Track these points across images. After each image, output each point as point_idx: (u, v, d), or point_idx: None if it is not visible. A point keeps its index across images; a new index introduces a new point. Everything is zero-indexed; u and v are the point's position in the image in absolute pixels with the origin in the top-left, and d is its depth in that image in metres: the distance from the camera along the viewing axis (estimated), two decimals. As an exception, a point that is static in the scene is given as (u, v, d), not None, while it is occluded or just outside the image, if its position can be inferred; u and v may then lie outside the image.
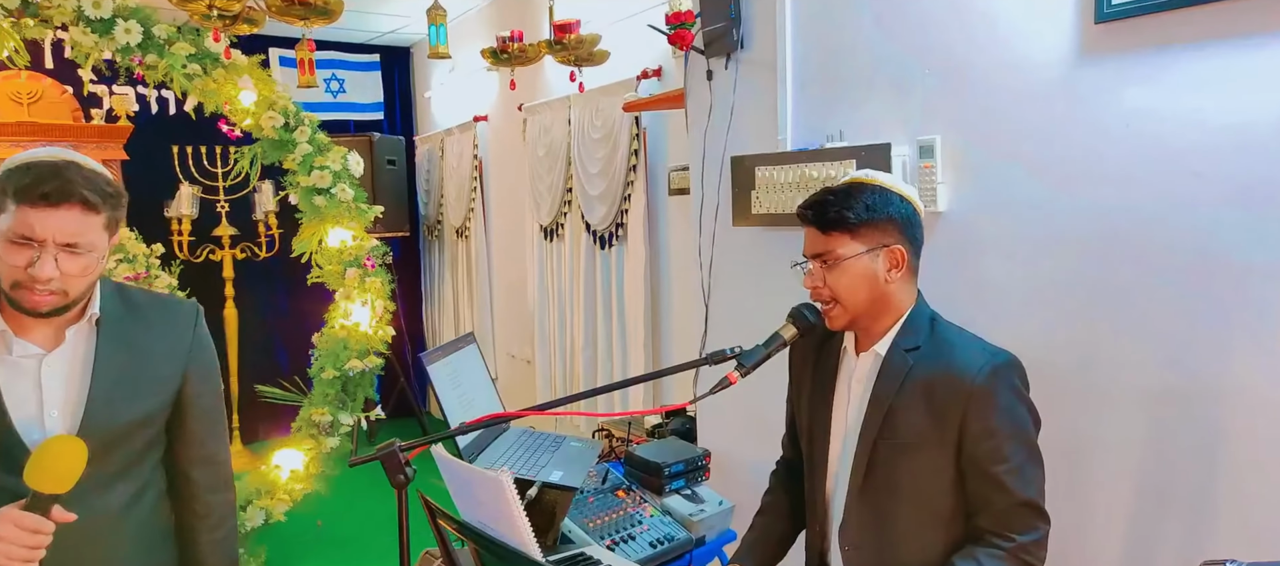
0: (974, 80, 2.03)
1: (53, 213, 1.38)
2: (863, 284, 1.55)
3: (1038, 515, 1.50)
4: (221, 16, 2.33)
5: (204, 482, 1.67)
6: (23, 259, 1.38)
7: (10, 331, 1.46)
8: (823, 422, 1.69)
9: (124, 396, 1.53)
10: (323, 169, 3.99)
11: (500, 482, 1.33)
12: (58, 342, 1.50)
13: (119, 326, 1.54)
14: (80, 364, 1.51)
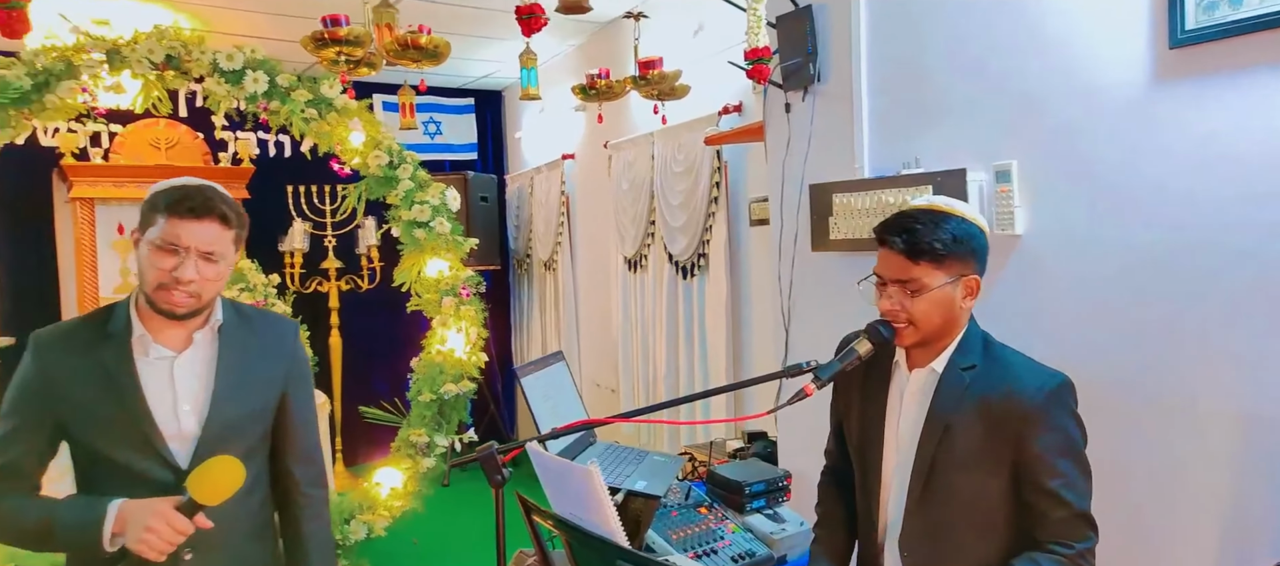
0: (1049, 105, 2.09)
1: (196, 224, 1.61)
2: (940, 310, 1.60)
3: (1090, 525, 1.55)
4: (348, 62, 2.58)
5: (304, 478, 1.85)
6: (169, 263, 1.60)
7: (148, 335, 1.67)
8: (876, 436, 1.74)
9: (240, 395, 1.72)
10: (423, 204, 4.26)
11: (590, 474, 1.46)
12: (186, 346, 1.70)
13: (235, 334, 1.75)
14: (204, 365, 1.71)
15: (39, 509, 1.60)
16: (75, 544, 1.59)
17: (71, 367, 1.63)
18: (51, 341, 1.66)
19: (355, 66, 2.68)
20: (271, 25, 4.86)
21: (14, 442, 1.63)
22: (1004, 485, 1.58)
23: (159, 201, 1.64)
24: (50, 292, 5.48)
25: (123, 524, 1.55)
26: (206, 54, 3.76)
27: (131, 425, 1.62)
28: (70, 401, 1.62)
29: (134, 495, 1.58)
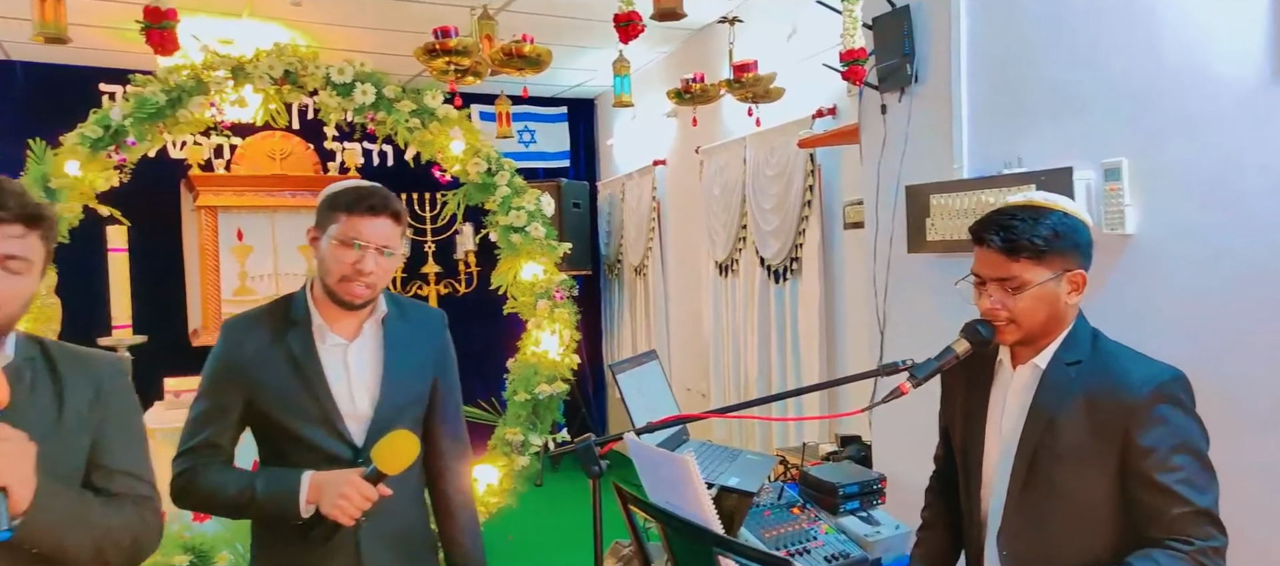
0: (1161, 101, 2.02)
1: (374, 220, 1.76)
2: (1043, 306, 1.58)
3: (1214, 524, 1.47)
4: (457, 71, 2.71)
5: (451, 452, 2.00)
6: (351, 257, 1.74)
7: (325, 324, 1.81)
8: (978, 433, 1.72)
9: (404, 379, 1.87)
10: (519, 209, 4.39)
11: (687, 463, 1.49)
12: (356, 335, 1.85)
13: (396, 325, 1.90)
14: (372, 352, 1.86)
15: (239, 480, 1.77)
16: (272, 511, 1.74)
17: (260, 352, 1.79)
18: (241, 328, 1.83)
19: (463, 76, 2.81)
20: (376, 40, 5.11)
21: (212, 420, 1.80)
22: (1109, 482, 1.54)
23: (339, 201, 1.79)
24: (177, 294, 5.88)
25: (315, 493, 1.70)
26: (320, 69, 3.98)
27: (315, 404, 1.78)
28: (260, 382, 1.78)
29: (315, 467, 1.75)
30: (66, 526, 1.34)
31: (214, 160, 5.53)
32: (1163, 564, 1.45)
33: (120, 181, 3.86)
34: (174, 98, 3.77)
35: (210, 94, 3.85)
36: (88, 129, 3.70)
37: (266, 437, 1.84)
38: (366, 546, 1.80)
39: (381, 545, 1.82)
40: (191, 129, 3.94)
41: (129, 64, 5.19)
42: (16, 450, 1.27)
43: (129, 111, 3.69)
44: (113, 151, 3.74)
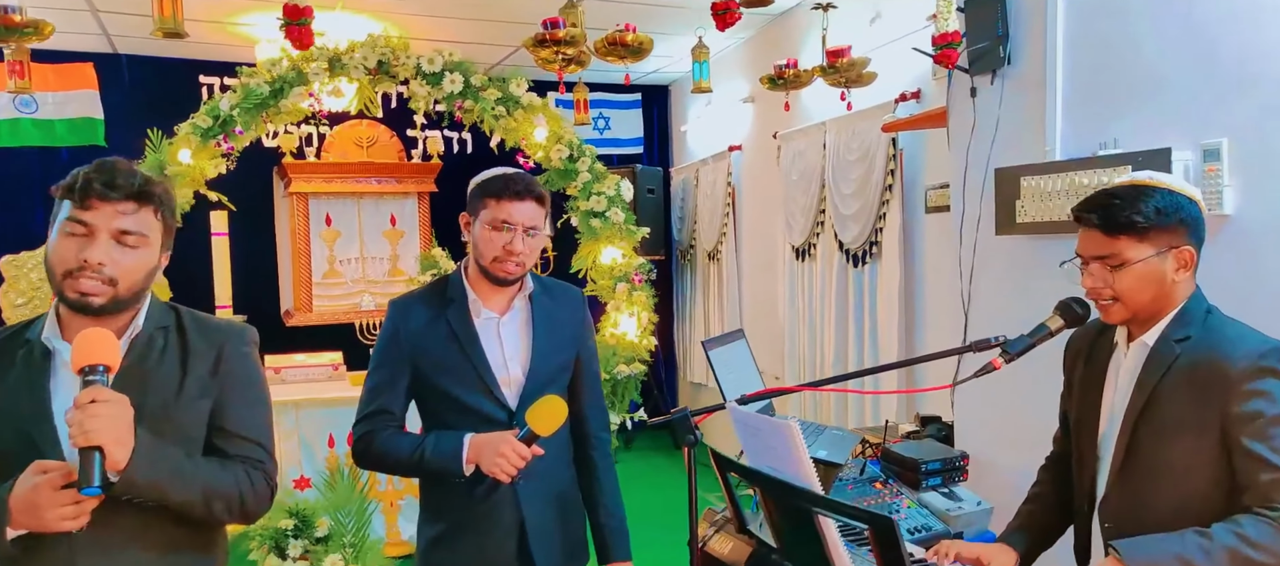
0: (1264, 82, 2.00)
1: (520, 204, 1.90)
2: (1149, 285, 1.59)
3: None
4: (565, 60, 2.83)
5: (594, 420, 2.13)
6: (502, 239, 1.89)
7: (479, 300, 1.96)
8: (1092, 411, 1.75)
9: (552, 350, 2.01)
10: (599, 194, 4.50)
11: (790, 428, 1.56)
12: (506, 310, 1.99)
13: (543, 301, 2.03)
14: (522, 326, 2.00)
15: (411, 442, 1.93)
16: (438, 469, 1.90)
17: (424, 325, 1.96)
18: (406, 306, 2.00)
19: (568, 64, 2.93)
20: (462, 30, 5.26)
21: (384, 390, 1.97)
22: (1208, 455, 1.55)
23: (488, 188, 1.94)
24: (270, 278, 6.17)
25: (476, 452, 1.85)
26: (411, 58, 4.15)
27: (472, 372, 1.94)
28: (424, 353, 1.95)
29: (474, 429, 1.89)
30: (167, 484, 1.45)
31: (305, 148, 5.77)
32: (1247, 528, 1.47)
33: (227, 168, 4.10)
34: (277, 89, 3.98)
35: (309, 84, 4.05)
36: (199, 119, 3.94)
37: (429, 403, 2.00)
38: (526, 503, 1.96)
39: (539, 502, 1.98)
40: (291, 118, 4.16)
41: (227, 56, 5.47)
42: (112, 412, 1.35)
43: (236, 102, 3.92)
44: (221, 140, 3.96)
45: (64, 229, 1.44)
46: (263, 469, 1.62)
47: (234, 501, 1.55)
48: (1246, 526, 1.48)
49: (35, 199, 5.65)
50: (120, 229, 1.45)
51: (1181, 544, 1.50)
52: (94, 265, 1.42)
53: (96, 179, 1.44)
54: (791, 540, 1.73)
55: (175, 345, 1.57)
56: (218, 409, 1.58)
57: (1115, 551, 1.51)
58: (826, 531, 1.60)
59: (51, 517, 1.34)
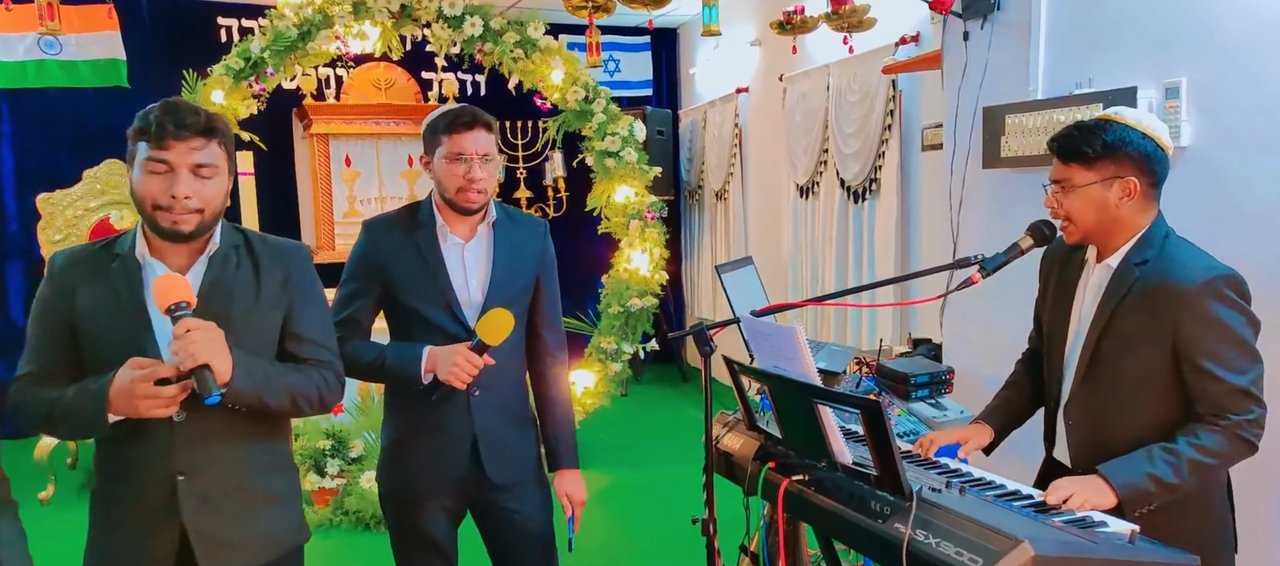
0: (1218, 27, 2.22)
1: (471, 134, 2.07)
2: (1092, 207, 1.81)
3: (1250, 398, 1.71)
4: (593, 7, 3.01)
5: (552, 342, 2.32)
6: (460, 170, 2.07)
7: (447, 226, 2.15)
8: (1062, 322, 1.99)
9: (511, 275, 2.19)
10: (613, 135, 4.72)
11: (795, 330, 1.83)
12: (471, 236, 2.17)
13: (506, 229, 2.22)
14: (485, 251, 2.18)
15: (374, 350, 2.15)
16: (399, 376, 2.12)
17: (395, 246, 2.15)
18: (380, 227, 2.20)
19: (597, 10, 3.11)
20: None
21: (354, 300, 2.17)
22: (1161, 364, 1.78)
23: (438, 125, 2.11)
24: (292, 217, 6.41)
25: (433, 362, 2.06)
26: (433, 2, 4.33)
27: (436, 291, 2.13)
28: (393, 271, 2.14)
29: (436, 343, 2.09)
30: (263, 389, 1.70)
31: (325, 91, 5.96)
32: (1203, 439, 1.72)
33: (258, 109, 4.32)
34: (304, 31, 4.18)
35: (334, 27, 4.24)
36: (231, 61, 4.14)
37: (397, 317, 2.19)
38: (477, 410, 2.13)
39: (489, 410, 2.16)
40: (318, 60, 4.36)
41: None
42: (206, 335, 1.57)
43: (266, 44, 4.11)
44: (253, 81, 4.17)
45: (145, 168, 1.64)
46: (332, 367, 1.87)
47: (314, 398, 1.81)
48: (1202, 437, 1.71)
49: (63, 139, 5.88)
50: (196, 163, 1.64)
51: (1150, 461, 1.73)
52: (181, 198, 1.63)
53: (168, 120, 1.62)
54: (794, 432, 2.00)
55: (248, 261, 1.78)
56: (290, 316, 1.81)
57: (1099, 473, 1.74)
58: (826, 421, 1.87)
59: (144, 406, 1.57)
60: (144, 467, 1.70)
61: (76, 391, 1.66)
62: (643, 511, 4.34)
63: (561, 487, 2.31)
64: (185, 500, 1.70)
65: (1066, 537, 1.55)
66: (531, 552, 2.27)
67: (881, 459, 1.71)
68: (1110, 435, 1.85)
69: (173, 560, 1.72)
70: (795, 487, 1.90)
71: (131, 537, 1.73)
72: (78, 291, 1.72)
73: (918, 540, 1.59)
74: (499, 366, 2.14)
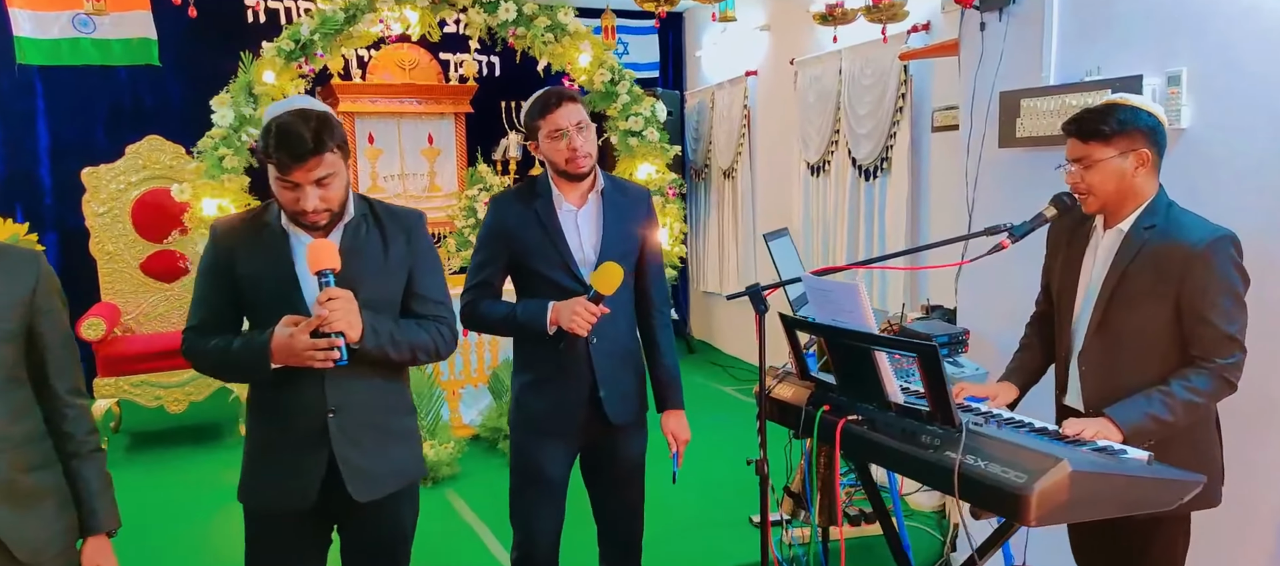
0: (1217, 22, 2.51)
1: (562, 109, 2.32)
2: (1112, 179, 2.10)
3: (1236, 344, 1.99)
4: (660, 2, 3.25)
5: (657, 295, 2.57)
6: (563, 144, 2.33)
7: (562, 195, 2.42)
8: (1072, 281, 2.28)
9: (619, 237, 2.45)
10: (637, 115, 4.97)
11: (857, 287, 2.11)
12: (583, 203, 2.44)
13: (613, 195, 2.48)
14: (595, 216, 2.43)
15: (505, 308, 2.42)
16: (527, 327, 2.38)
17: (518, 216, 2.41)
18: (505, 201, 2.46)
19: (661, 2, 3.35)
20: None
21: (486, 266, 2.43)
22: (1168, 316, 2.06)
23: (534, 111, 2.37)
24: (315, 192, 6.60)
25: (556, 314, 2.32)
26: (470, -13, 4.55)
27: (556, 254, 2.39)
28: (518, 239, 2.41)
29: (557, 298, 2.35)
30: (388, 346, 1.96)
31: (353, 69, 6.15)
32: (1193, 380, 2.02)
33: (306, 88, 4.53)
34: (350, 15, 4.39)
35: (378, 11, 4.45)
36: (282, 43, 4.35)
37: (521, 278, 2.47)
38: (596, 356, 2.43)
39: (607, 359, 2.45)
40: (363, 42, 4.57)
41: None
42: (343, 305, 1.83)
43: (315, 27, 4.32)
44: (302, 62, 4.38)
45: (277, 183, 1.87)
46: (448, 323, 2.12)
47: (432, 351, 2.07)
48: (1193, 379, 2.01)
49: (96, 115, 6.03)
50: (316, 178, 1.85)
51: (1149, 403, 2.02)
52: (311, 212, 1.88)
53: (284, 155, 1.81)
54: (848, 379, 2.27)
55: (375, 228, 2.03)
56: (413, 277, 2.06)
57: (1105, 414, 2.01)
58: (881, 365, 2.15)
59: (305, 356, 1.84)
60: (300, 407, 1.96)
61: (242, 343, 1.93)
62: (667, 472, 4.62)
63: (668, 426, 2.58)
64: (335, 434, 1.96)
65: (1096, 458, 1.86)
66: (627, 487, 2.56)
67: (935, 395, 2.00)
68: (1120, 378, 2.12)
69: (319, 486, 1.98)
70: (852, 427, 2.16)
71: (286, 466, 1.99)
72: (237, 255, 1.97)
73: (968, 463, 1.87)
74: (612, 318, 2.38)
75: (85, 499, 1.82)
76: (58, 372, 1.81)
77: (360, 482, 2.00)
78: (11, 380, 1.73)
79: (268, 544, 2.07)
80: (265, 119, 1.90)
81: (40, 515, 1.75)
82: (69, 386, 1.83)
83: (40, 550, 1.74)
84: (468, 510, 4.00)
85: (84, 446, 1.84)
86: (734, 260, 6.82)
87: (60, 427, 1.82)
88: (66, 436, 1.82)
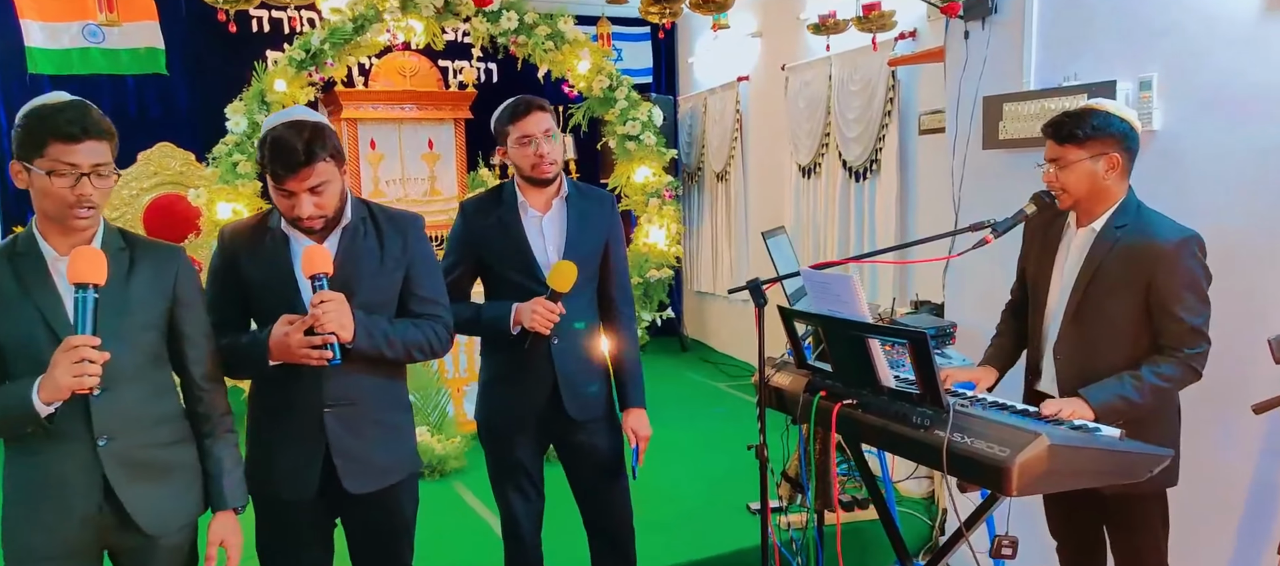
0: (1185, 30, 2.70)
1: (531, 117, 2.40)
2: (1084, 180, 2.26)
3: (1201, 336, 2.16)
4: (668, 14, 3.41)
5: (620, 300, 2.66)
6: (531, 150, 2.41)
7: (527, 201, 2.51)
8: (1046, 275, 2.44)
9: (582, 240, 2.52)
10: (634, 120, 5.14)
11: (852, 279, 2.28)
12: (547, 209, 2.51)
13: (577, 201, 2.57)
14: (559, 220, 2.51)
15: (471, 309, 2.51)
16: (492, 327, 2.48)
17: (484, 222, 2.51)
18: (472, 208, 2.56)
19: (665, 15, 3.51)
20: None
21: (454, 269, 2.52)
22: (1138, 309, 2.22)
23: (503, 117, 2.46)
24: (317, 196, 6.74)
25: (519, 315, 2.42)
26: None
27: (520, 258, 2.49)
28: (484, 244, 2.51)
29: (522, 300, 2.43)
30: (383, 345, 2.06)
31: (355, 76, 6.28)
32: (1163, 368, 2.19)
33: (314, 97, 4.67)
34: (358, 25, 4.54)
35: (385, 22, 4.60)
36: (293, 52, 4.49)
37: (490, 281, 2.56)
38: (557, 356, 2.49)
39: (567, 356, 2.51)
40: (370, 50, 4.72)
41: (280, -7, 5.95)
42: (335, 308, 1.91)
43: (325, 37, 4.47)
44: (312, 71, 4.53)
45: (275, 192, 1.97)
46: (442, 321, 2.20)
47: (427, 348, 2.17)
48: (1162, 367, 2.18)
49: (107, 124, 6.15)
50: (310, 186, 1.94)
51: (1120, 386, 2.18)
52: (306, 218, 1.97)
53: (278, 166, 1.91)
54: (843, 365, 2.43)
55: (372, 231, 2.11)
56: (409, 278, 2.14)
57: (1079, 395, 2.17)
58: (874, 352, 2.31)
59: (300, 354, 1.93)
60: (298, 401, 2.07)
61: (247, 341, 2.06)
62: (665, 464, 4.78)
63: (629, 424, 2.65)
64: (331, 428, 2.07)
65: (1072, 434, 2.03)
66: (602, 481, 2.66)
67: (924, 379, 2.16)
68: (1093, 366, 2.28)
69: (318, 480, 2.09)
70: (847, 410, 2.29)
71: (286, 459, 2.10)
72: (242, 259, 2.09)
73: (955, 440, 2.02)
74: (574, 318, 2.48)
75: (216, 476, 1.95)
76: (196, 359, 1.94)
77: (355, 476, 2.10)
78: (153, 364, 1.86)
79: (274, 529, 2.19)
80: (263, 130, 2.01)
81: (168, 490, 1.88)
82: (205, 372, 1.95)
83: (164, 523, 1.87)
84: (474, 500, 4.15)
85: (219, 427, 1.97)
86: (727, 260, 6.99)
87: (196, 409, 1.96)
88: (202, 418, 1.96)
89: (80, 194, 1.72)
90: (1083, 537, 2.57)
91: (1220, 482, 2.69)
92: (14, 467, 1.81)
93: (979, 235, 2.45)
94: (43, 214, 1.78)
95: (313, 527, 2.19)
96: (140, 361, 1.84)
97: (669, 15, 3.55)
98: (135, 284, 1.83)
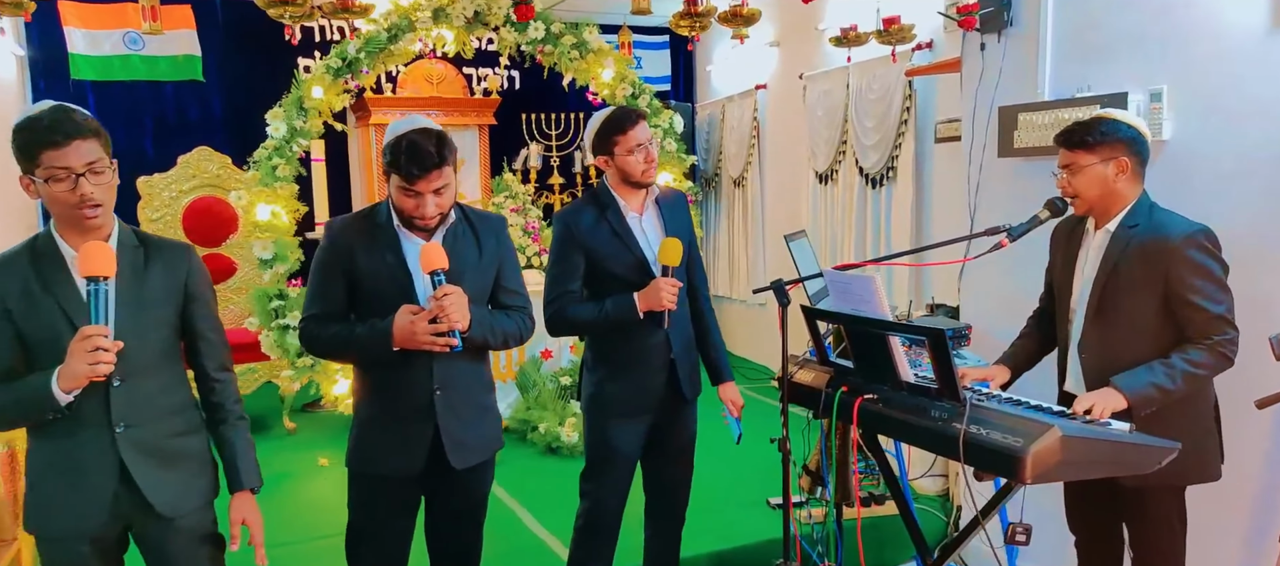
0: (1195, 45, 2.81)
1: (638, 128, 2.64)
2: (1095, 184, 2.38)
3: (1228, 324, 2.23)
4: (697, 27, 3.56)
5: (700, 283, 2.94)
6: (640, 157, 2.64)
7: (626, 205, 2.72)
8: (1068, 277, 2.57)
9: (677, 234, 2.72)
10: (656, 127, 5.28)
11: (874, 278, 2.41)
12: (642, 210, 2.73)
13: (664, 201, 2.79)
14: (654, 219, 2.75)
15: (594, 307, 2.68)
16: (619, 317, 2.63)
17: (591, 226, 2.68)
18: (573, 212, 2.74)
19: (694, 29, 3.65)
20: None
21: (566, 276, 2.69)
22: (1156, 304, 2.31)
23: (610, 127, 2.65)
24: (344, 199, 6.94)
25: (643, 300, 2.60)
26: (502, 7, 4.86)
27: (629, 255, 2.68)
28: (591, 246, 2.67)
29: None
30: (488, 334, 2.29)
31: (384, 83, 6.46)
32: (1192, 354, 2.26)
33: (348, 104, 4.84)
34: (392, 34, 4.70)
35: (418, 31, 4.76)
36: (330, 60, 4.66)
37: (597, 280, 2.72)
38: (672, 333, 2.72)
39: (677, 334, 2.75)
40: (403, 58, 4.88)
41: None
42: (455, 300, 2.12)
43: (361, 46, 4.63)
44: (348, 78, 4.69)
45: (400, 191, 2.12)
46: (528, 312, 2.45)
47: (516, 337, 2.39)
48: (1192, 354, 2.26)
49: (146, 127, 6.35)
50: (436, 189, 2.13)
51: (1151, 373, 2.27)
52: (429, 217, 2.17)
53: (413, 166, 2.06)
54: (864, 362, 2.55)
55: (469, 231, 2.32)
56: (500, 272, 2.38)
57: (1112, 383, 2.26)
58: (895, 350, 2.43)
59: (426, 342, 2.13)
60: (411, 385, 2.25)
61: (366, 329, 2.21)
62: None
63: (726, 395, 2.95)
64: (440, 409, 2.25)
65: (1084, 427, 2.15)
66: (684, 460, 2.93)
67: (942, 374, 2.29)
68: (1116, 359, 2.36)
69: (426, 454, 2.27)
70: (869, 404, 2.42)
71: (397, 437, 2.28)
72: (355, 252, 2.24)
73: (972, 432, 2.15)
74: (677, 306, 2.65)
75: (231, 460, 2.09)
76: (208, 352, 2.08)
77: (459, 452, 2.29)
78: (167, 357, 2.01)
79: (372, 505, 2.35)
80: (389, 135, 2.17)
81: (181, 475, 2.02)
82: (217, 364, 2.10)
83: (178, 505, 2.01)
84: (505, 494, 4.28)
85: (231, 415, 2.11)
86: (744, 264, 7.12)
87: (209, 399, 2.10)
88: (216, 407, 2.10)
89: (81, 194, 1.79)
90: (1099, 531, 2.67)
91: (1227, 478, 2.80)
92: (37, 453, 1.94)
93: (994, 240, 2.57)
94: (57, 218, 1.88)
95: (404, 502, 2.37)
96: (156, 354, 1.96)
97: (698, 28, 3.69)
98: (150, 280, 1.96)
